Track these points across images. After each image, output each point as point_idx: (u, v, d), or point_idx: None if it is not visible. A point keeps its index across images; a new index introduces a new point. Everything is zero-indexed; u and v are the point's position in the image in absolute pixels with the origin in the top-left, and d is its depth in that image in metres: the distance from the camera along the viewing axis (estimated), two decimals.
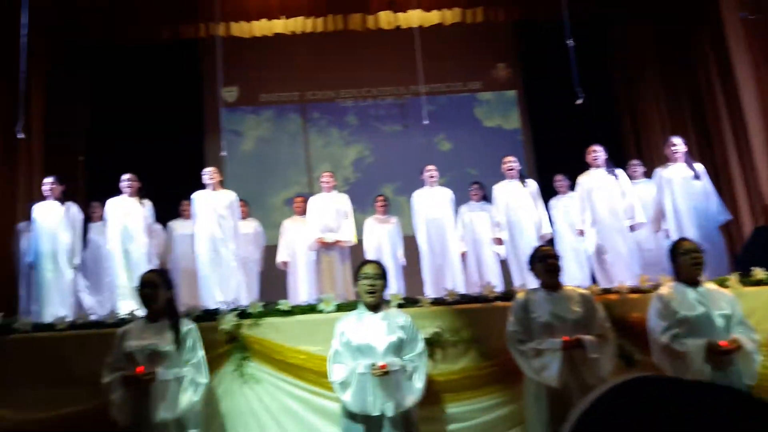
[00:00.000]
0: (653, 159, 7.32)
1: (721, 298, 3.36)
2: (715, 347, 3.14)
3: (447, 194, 6.47)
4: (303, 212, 6.94)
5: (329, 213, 6.41)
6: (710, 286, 3.48)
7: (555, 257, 3.46)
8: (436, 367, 3.80)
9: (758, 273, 4.20)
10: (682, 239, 3.67)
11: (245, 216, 6.92)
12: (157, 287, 3.23)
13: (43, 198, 5.83)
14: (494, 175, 6.37)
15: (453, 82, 9.29)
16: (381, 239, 6.77)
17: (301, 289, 6.65)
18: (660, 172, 5.71)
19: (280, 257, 6.91)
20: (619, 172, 5.79)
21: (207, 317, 3.92)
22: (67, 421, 3.58)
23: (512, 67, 9.48)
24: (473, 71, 9.40)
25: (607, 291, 4.28)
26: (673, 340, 3.25)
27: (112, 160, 7.32)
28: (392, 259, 6.66)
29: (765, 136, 5.67)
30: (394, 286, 6.34)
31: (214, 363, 3.77)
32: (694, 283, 3.40)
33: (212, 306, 4.59)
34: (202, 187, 6.02)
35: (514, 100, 9.49)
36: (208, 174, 6.05)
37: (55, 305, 5.45)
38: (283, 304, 4.02)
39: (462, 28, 8.40)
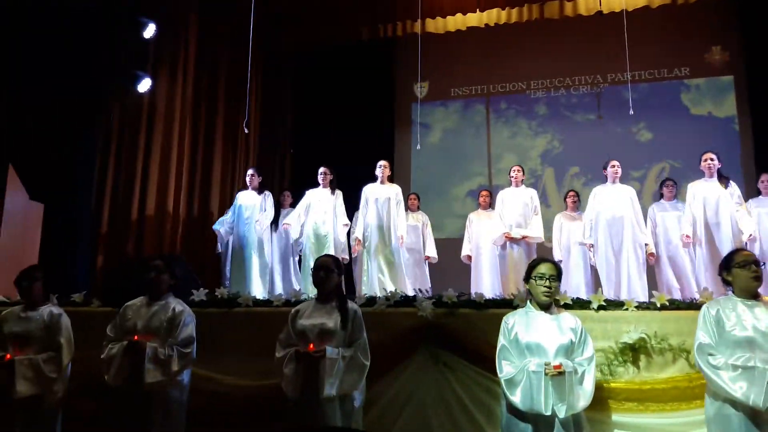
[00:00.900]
0: None
1: None
2: None
3: (629, 192, 5.95)
4: (488, 206, 6.93)
5: (517, 208, 6.32)
6: None
7: (758, 263, 3.04)
8: (639, 374, 3.59)
9: None
10: None
11: (414, 209, 7.07)
12: (330, 271, 3.40)
13: (245, 187, 6.55)
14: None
15: (658, 69, 8.60)
16: (571, 236, 6.51)
17: (484, 282, 6.63)
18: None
19: (465, 251, 6.94)
20: None
21: (405, 303, 4.09)
22: (269, 390, 3.89)
23: (728, 49, 8.50)
24: (682, 56, 8.61)
25: None
26: None
27: (314, 153, 7.96)
28: (581, 257, 6.37)
29: None
30: (583, 289, 6.07)
31: (407, 347, 3.95)
32: None
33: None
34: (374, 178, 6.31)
35: (729, 85, 8.53)
36: (380, 168, 6.33)
37: (250, 285, 6.18)
38: (477, 297, 4.04)
39: (672, 10, 7.70)
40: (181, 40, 7.44)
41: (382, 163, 6.39)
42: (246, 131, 6.56)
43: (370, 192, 6.29)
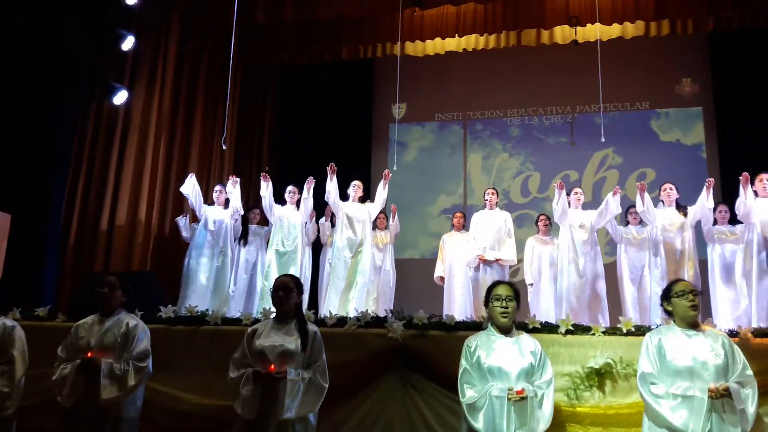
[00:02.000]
0: None
1: None
2: None
3: (590, 216, 6.09)
4: (462, 227, 6.98)
5: (491, 230, 6.37)
6: None
7: (695, 293, 3.11)
8: (604, 398, 3.62)
9: None
10: None
11: (383, 228, 7.10)
12: (289, 291, 3.36)
13: (212, 203, 6.58)
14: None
15: (630, 98, 8.82)
16: (542, 260, 6.59)
17: (456, 304, 6.66)
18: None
19: (438, 272, 6.97)
20: None
21: (375, 324, 4.08)
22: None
23: (698, 81, 8.77)
24: (653, 86, 8.88)
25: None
26: None
27: (291, 170, 7.97)
28: (551, 282, 6.44)
29: None
30: (553, 312, 6.11)
31: (377, 368, 3.93)
32: None
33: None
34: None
35: (698, 114, 8.82)
36: (354, 187, 6.38)
37: (211, 300, 6.11)
38: (448, 319, 4.06)
39: (644, 42, 7.95)
40: (160, 53, 7.42)
41: (355, 183, 6.42)
42: (224, 147, 6.55)
43: (345, 210, 6.29)
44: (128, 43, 6.90)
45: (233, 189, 6.45)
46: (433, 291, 7.07)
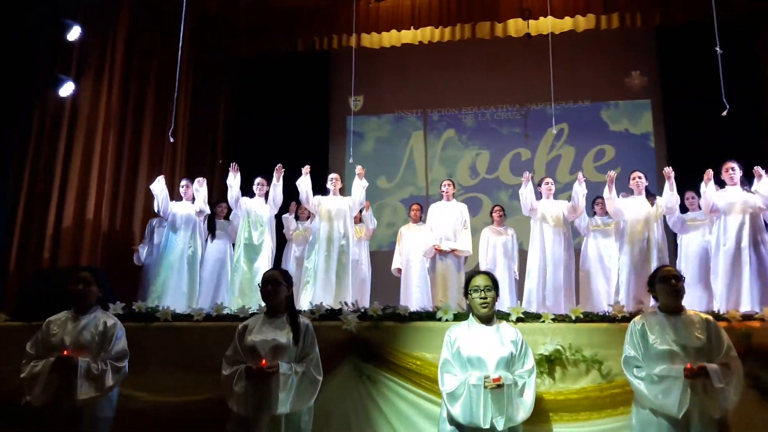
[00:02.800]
0: None
1: None
2: None
3: (563, 206, 6.24)
4: (419, 219, 7.02)
5: (447, 221, 6.42)
6: None
7: (679, 278, 3.22)
8: (554, 384, 3.70)
9: None
10: None
11: (357, 222, 7.09)
12: (278, 284, 3.34)
13: (179, 198, 6.41)
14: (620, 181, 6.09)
15: (581, 90, 9.01)
16: (497, 250, 6.68)
17: (413, 295, 6.69)
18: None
19: (396, 264, 7.00)
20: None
21: (330, 316, 4.07)
22: (198, 406, 3.82)
23: (647, 75, 9.03)
24: (604, 79, 9.09)
25: (749, 317, 3.94)
26: None
27: (246, 163, 7.84)
28: (506, 271, 6.55)
29: None
30: (509, 300, 6.23)
31: (333, 361, 3.92)
32: None
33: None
34: (323, 189, 6.26)
35: (646, 105, 9.12)
36: (332, 180, 6.30)
37: (177, 297, 5.99)
38: (402, 310, 4.08)
39: (595, 35, 8.12)
40: (108, 44, 7.20)
41: (333, 176, 6.36)
42: (172, 140, 6.40)
43: (322, 203, 6.23)
44: (75, 34, 6.67)
45: (200, 188, 6.32)
46: (391, 282, 7.10)
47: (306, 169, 6.17)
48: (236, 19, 8.38)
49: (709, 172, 5.40)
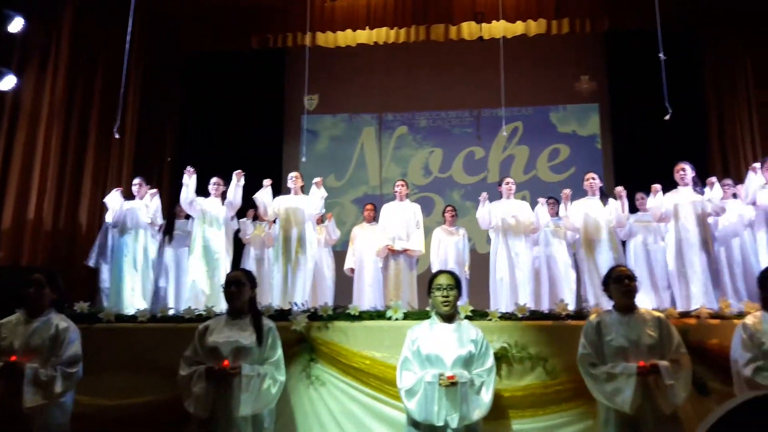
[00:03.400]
0: (742, 179, 6.88)
1: None
2: None
3: (523, 206, 6.35)
4: (372, 219, 7.03)
5: (400, 221, 6.45)
6: None
7: (632, 278, 3.34)
8: (500, 382, 3.75)
9: None
10: None
11: (319, 222, 7.04)
12: (242, 285, 3.33)
13: (132, 197, 6.24)
14: (570, 183, 6.23)
15: (533, 93, 9.16)
16: (448, 250, 6.75)
17: (366, 295, 6.69)
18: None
19: (348, 264, 6.98)
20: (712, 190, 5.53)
21: (279, 317, 4.03)
22: (144, 408, 3.76)
23: (596, 79, 9.27)
24: (554, 82, 9.28)
25: (686, 315, 4.09)
26: (756, 373, 3.09)
27: (199, 162, 7.69)
28: (457, 271, 6.60)
29: None
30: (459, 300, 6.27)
31: (284, 362, 3.90)
32: None
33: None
34: (279, 189, 6.19)
35: (593, 108, 9.37)
36: (292, 179, 6.18)
37: (132, 298, 5.83)
38: (353, 309, 4.08)
39: (546, 40, 8.29)
40: (53, 36, 6.94)
41: (293, 174, 6.22)
42: (117, 136, 6.20)
43: (281, 203, 6.12)
44: (17, 25, 6.41)
45: (150, 203, 6.11)
46: (344, 282, 7.09)
47: (267, 182, 6.07)
48: (189, 14, 8.21)
49: (655, 187, 5.56)
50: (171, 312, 4.19)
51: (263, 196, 6.04)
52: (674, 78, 6.05)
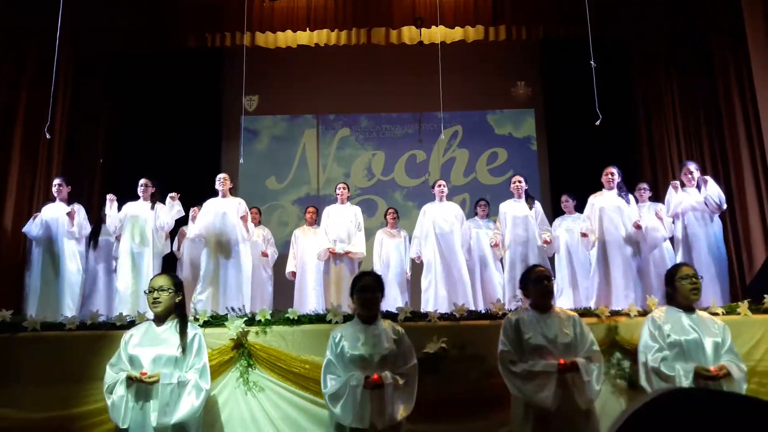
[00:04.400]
0: (668, 182, 7.24)
1: (712, 326, 3.39)
2: (704, 373, 3.16)
3: (456, 209, 6.46)
4: (314, 222, 7.00)
5: (342, 224, 6.45)
6: (702, 313, 3.52)
7: (549, 279, 3.44)
8: (441, 382, 3.80)
9: None
10: (682, 264, 3.72)
11: (256, 223, 6.94)
12: (166, 291, 3.24)
13: (52, 198, 5.98)
14: (508, 185, 6.41)
15: (471, 98, 9.33)
16: (390, 252, 6.79)
17: (309, 299, 6.66)
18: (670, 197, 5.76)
19: (290, 267, 6.91)
20: (632, 196, 5.83)
21: (215, 323, 3.95)
22: (69, 421, 3.61)
23: (532, 85, 9.54)
24: (492, 88, 9.49)
25: (616, 313, 4.25)
26: (662, 364, 3.26)
27: (133, 163, 7.46)
28: (399, 272, 6.67)
29: None
30: (400, 301, 6.35)
31: (219, 369, 3.81)
32: (688, 308, 3.43)
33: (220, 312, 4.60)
34: (215, 192, 6.06)
35: (529, 112, 9.63)
36: (220, 180, 6.03)
37: (57, 305, 5.60)
38: (291, 313, 4.03)
39: (484, 46, 8.46)
40: None
41: (221, 176, 6.07)
42: (48, 136, 5.92)
43: (210, 206, 5.96)
44: None
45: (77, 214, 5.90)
46: (286, 286, 7.02)
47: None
48: (125, 13, 7.92)
49: (583, 228, 5.75)
50: (102, 319, 4.02)
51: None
52: (605, 85, 6.31)
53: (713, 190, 5.63)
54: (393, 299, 6.28)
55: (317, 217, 6.99)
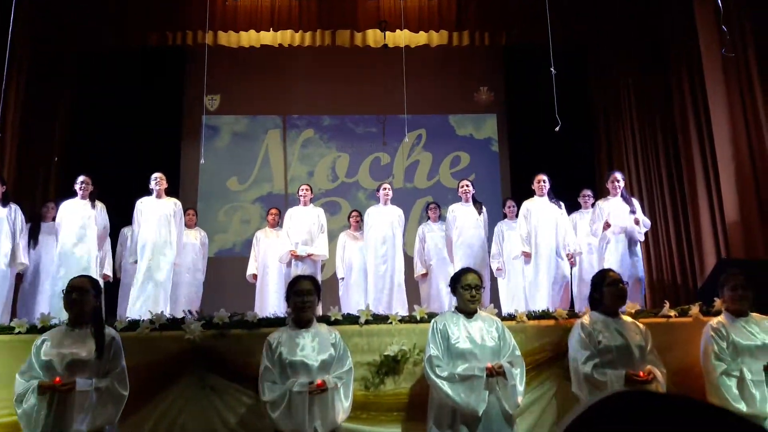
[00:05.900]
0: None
1: (636, 330, 3.46)
2: (634, 378, 3.23)
3: (397, 212, 6.49)
4: (276, 224, 6.94)
5: (304, 226, 6.41)
6: (625, 317, 3.59)
7: (479, 288, 3.45)
8: (399, 385, 3.81)
9: (719, 304, 4.27)
10: (608, 270, 3.77)
11: (192, 225, 6.83)
12: (85, 293, 3.11)
13: None
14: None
15: (434, 102, 9.38)
16: (353, 255, 6.78)
17: (270, 301, 6.59)
18: (600, 204, 5.92)
19: (251, 270, 6.83)
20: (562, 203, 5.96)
21: (171, 326, 3.87)
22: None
23: (494, 90, 9.66)
24: (455, 92, 9.56)
25: (574, 315, 4.32)
26: (594, 370, 3.30)
27: (90, 162, 7.25)
28: (362, 274, 6.66)
29: (733, 171, 5.80)
30: (362, 304, 6.32)
31: (173, 372, 3.74)
32: (614, 313, 3.49)
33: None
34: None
35: (492, 118, 9.73)
36: (156, 180, 5.87)
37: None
38: (250, 316, 3.98)
39: (448, 50, 8.54)
40: None
41: (156, 175, 5.93)
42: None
43: (145, 207, 5.86)
44: None
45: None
46: (246, 289, 6.93)
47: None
48: (84, 10, 7.71)
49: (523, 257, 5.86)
50: (54, 321, 3.89)
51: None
52: (565, 91, 6.43)
53: (645, 218, 5.85)
54: (356, 304, 6.26)
55: (279, 219, 6.93)
